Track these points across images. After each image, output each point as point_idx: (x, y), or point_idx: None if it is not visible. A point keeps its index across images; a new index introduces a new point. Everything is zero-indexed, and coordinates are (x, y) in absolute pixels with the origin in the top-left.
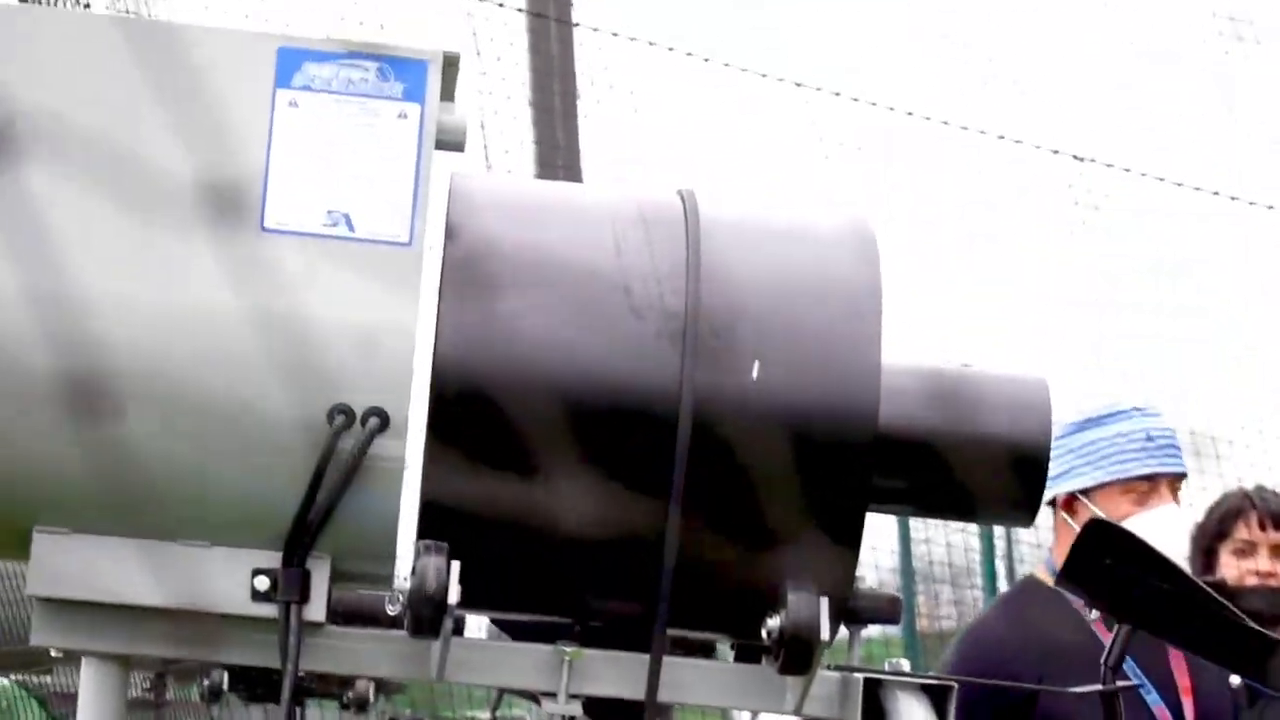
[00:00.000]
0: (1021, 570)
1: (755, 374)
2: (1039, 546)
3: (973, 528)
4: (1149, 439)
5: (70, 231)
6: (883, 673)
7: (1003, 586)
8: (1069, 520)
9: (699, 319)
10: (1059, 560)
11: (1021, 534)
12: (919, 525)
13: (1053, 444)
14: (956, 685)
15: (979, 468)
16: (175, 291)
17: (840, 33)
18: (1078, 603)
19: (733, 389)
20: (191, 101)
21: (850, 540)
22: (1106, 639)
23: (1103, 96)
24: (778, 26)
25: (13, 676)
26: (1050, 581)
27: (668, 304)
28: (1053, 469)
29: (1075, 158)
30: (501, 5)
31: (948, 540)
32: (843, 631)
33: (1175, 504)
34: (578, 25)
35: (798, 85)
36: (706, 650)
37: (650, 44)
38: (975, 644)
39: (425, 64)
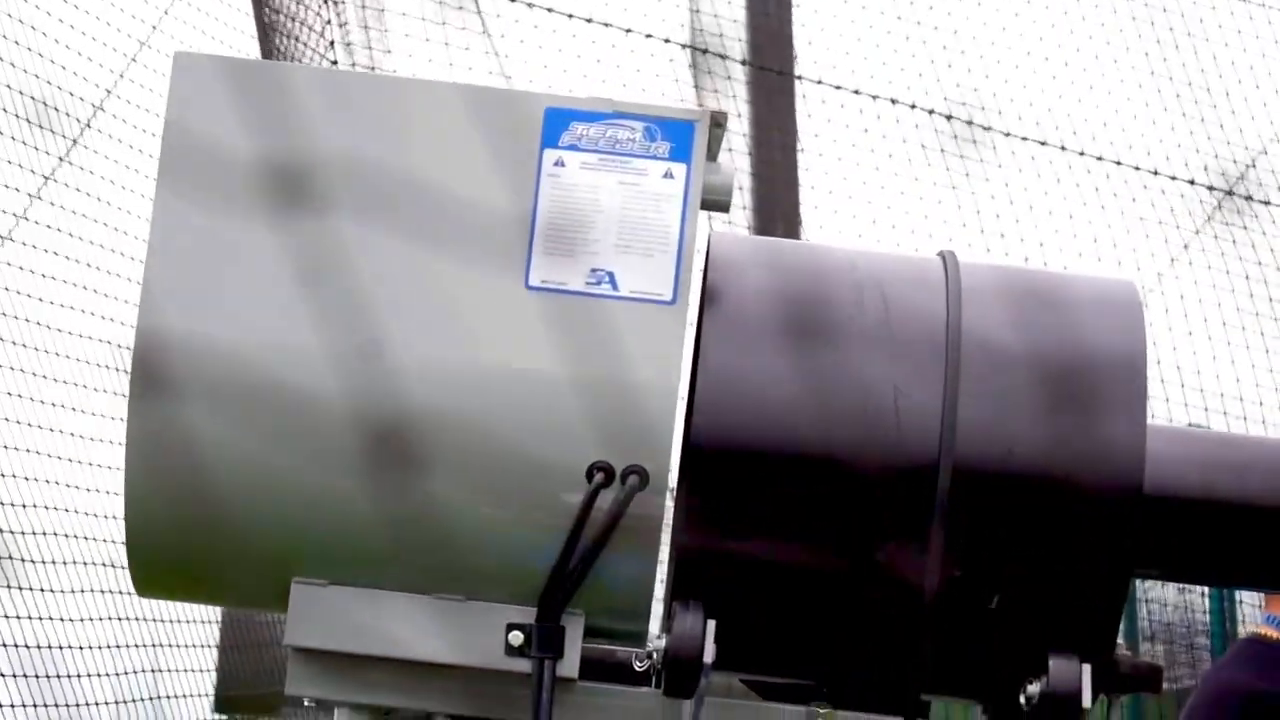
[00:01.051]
0: (1242, 631)
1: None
2: (1257, 606)
3: (1198, 588)
4: None
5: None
6: None
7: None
8: None
9: (960, 383)
10: None
11: (1244, 594)
12: (1144, 584)
13: None
14: None
15: (1244, 532)
16: (439, 349)
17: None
18: None
19: (995, 453)
20: (459, 159)
21: (1112, 606)
22: None
23: None
24: (1025, 85)
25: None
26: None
27: (928, 367)
28: None
29: None
30: (745, 63)
31: (1180, 601)
32: None
33: None
34: (823, 85)
35: (1042, 144)
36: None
37: (892, 101)
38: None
39: (692, 124)
